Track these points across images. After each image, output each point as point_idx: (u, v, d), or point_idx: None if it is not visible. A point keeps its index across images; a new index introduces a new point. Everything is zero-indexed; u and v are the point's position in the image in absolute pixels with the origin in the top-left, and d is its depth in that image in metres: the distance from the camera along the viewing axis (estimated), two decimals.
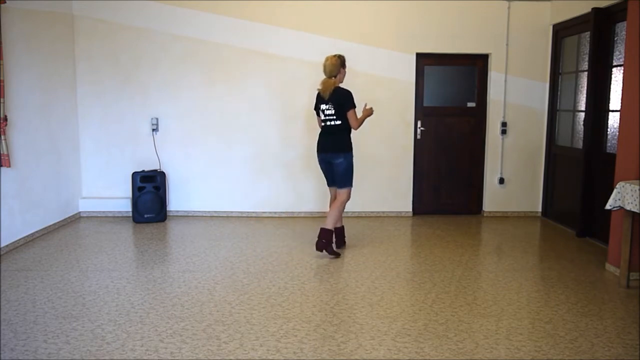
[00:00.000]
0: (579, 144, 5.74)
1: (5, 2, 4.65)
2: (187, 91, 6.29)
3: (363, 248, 5.08)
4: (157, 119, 6.30)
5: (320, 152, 4.83)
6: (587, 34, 5.52)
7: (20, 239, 5.07)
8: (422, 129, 6.50)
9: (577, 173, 5.61)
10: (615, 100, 5.10)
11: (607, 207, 4.09)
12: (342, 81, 4.76)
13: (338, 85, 4.69)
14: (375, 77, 6.29)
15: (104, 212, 6.34)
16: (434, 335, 3.19)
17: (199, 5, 6.16)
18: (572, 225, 5.80)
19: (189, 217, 6.39)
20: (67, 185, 6.04)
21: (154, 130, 6.31)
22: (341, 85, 4.73)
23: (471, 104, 6.54)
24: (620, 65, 5.02)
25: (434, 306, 3.64)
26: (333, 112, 4.66)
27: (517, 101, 6.44)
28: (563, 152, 6.13)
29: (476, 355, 2.94)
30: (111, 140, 6.34)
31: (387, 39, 6.28)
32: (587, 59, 5.56)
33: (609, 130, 5.25)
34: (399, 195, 6.51)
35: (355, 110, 4.67)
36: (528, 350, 3.01)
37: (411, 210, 6.55)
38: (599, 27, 5.27)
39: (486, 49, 6.36)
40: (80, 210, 6.31)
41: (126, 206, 6.31)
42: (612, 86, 5.19)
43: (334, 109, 4.65)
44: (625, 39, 4.37)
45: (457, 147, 6.56)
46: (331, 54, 4.75)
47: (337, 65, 4.66)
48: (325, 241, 4.69)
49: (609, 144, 5.25)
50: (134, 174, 6.05)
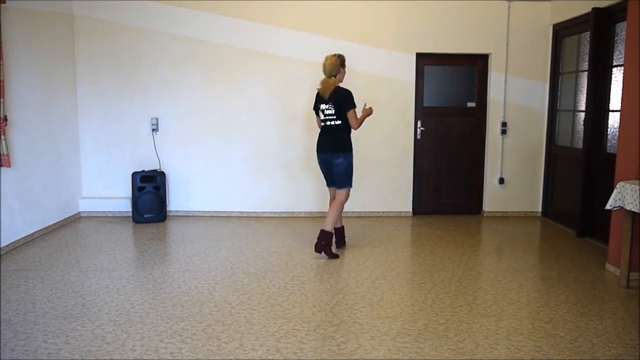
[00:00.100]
0: (579, 144, 5.74)
1: (5, 2, 4.65)
2: (187, 91, 6.29)
3: (363, 248, 5.08)
4: (157, 119, 6.30)
5: (320, 152, 4.80)
6: (587, 34, 5.52)
7: (20, 239, 5.07)
8: (422, 129, 6.49)
9: (577, 173, 5.61)
10: (616, 100, 5.10)
11: (607, 207, 4.09)
12: (342, 81, 4.74)
13: (338, 85, 4.67)
14: (375, 77, 6.29)
15: (104, 212, 6.34)
16: (434, 335, 3.19)
17: (199, 5, 6.16)
18: (572, 225, 5.80)
19: (189, 217, 6.39)
20: (67, 185, 6.04)
21: (154, 130, 6.31)
22: (341, 85, 4.72)
23: (471, 104, 6.54)
24: (620, 65, 5.02)
25: (434, 306, 3.64)
26: (333, 112, 4.64)
27: (517, 101, 6.44)
28: (563, 152, 6.13)
29: (476, 355, 2.94)
30: (111, 140, 6.34)
31: (387, 39, 6.28)
32: (587, 59, 5.56)
33: (609, 130, 5.25)
34: (399, 195, 6.51)
35: (355, 110, 4.65)
36: (528, 350, 3.01)
37: (411, 210, 6.55)
38: (599, 27, 5.27)
39: (486, 49, 6.36)
40: (80, 210, 6.31)
41: (126, 206, 6.31)
42: (612, 86, 5.19)
43: (333, 108, 4.63)
44: (625, 39, 4.37)
45: (457, 147, 6.56)
46: (331, 53, 4.74)
47: (336, 64, 4.64)
48: (324, 243, 4.68)
49: (609, 144, 5.25)
50: (134, 174, 6.05)
